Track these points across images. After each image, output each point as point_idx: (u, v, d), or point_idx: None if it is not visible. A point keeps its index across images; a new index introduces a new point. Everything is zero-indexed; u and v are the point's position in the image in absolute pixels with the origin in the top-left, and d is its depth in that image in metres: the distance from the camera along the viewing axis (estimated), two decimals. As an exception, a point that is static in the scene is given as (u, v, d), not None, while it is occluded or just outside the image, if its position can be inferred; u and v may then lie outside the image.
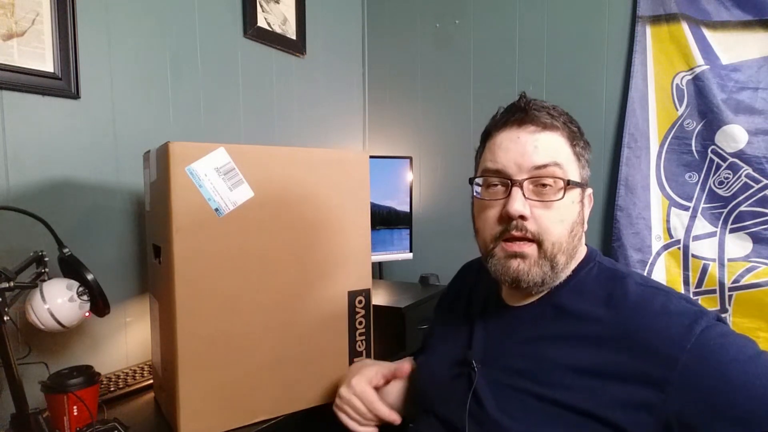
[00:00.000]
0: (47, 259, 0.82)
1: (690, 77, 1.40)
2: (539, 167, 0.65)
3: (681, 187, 1.42)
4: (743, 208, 1.33)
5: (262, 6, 1.49)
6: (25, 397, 0.73)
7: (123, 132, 1.13)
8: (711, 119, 1.36)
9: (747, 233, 1.34)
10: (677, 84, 1.42)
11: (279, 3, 1.56)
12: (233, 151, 0.82)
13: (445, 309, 0.90)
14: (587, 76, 1.55)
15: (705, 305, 0.63)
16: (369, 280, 0.99)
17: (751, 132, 1.32)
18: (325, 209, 0.92)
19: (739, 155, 1.33)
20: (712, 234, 1.38)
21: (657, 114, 1.45)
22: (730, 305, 1.35)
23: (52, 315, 0.78)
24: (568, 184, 0.65)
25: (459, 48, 1.77)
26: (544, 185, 0.65)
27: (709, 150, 1.38)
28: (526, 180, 0.65)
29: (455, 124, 1.79)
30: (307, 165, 0.90)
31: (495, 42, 1.70)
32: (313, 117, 1.73)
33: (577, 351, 0.62)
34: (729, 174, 1.35)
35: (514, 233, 0.65)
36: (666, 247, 1.44)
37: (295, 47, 1.62)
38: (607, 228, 1.52)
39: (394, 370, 0.83)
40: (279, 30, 1.56)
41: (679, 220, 1.42)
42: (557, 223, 0.65)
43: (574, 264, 0.69)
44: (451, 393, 0.72)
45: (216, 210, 0.81)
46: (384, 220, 1.63)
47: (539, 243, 0.65)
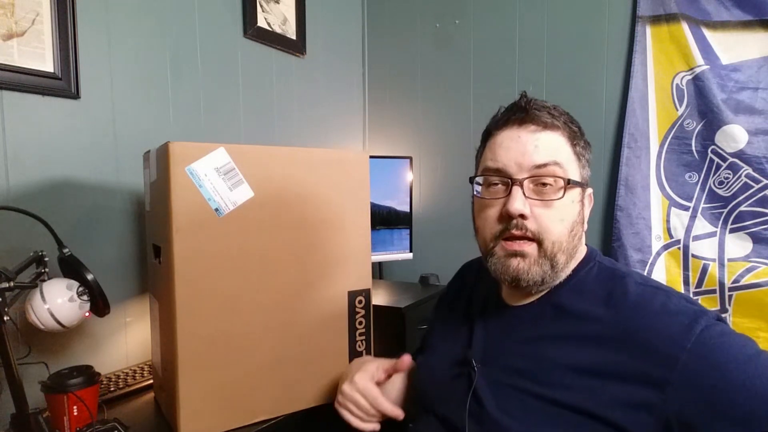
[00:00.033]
0: (47, 259, 0.82)
1: (690, 77, 1.40)
2: (539, 166, 0.65)
3: (681, 187, 1.42)
4: (743, 208, 1.33)
5: (262, 6, 1.49)
6: (25, 397, 0.73)
7: (123, 132, 1.13)
8: (711, 119, 1.36)
9: (747, 233, 1.34)
10: (677, 84, 1.42)
11: (279, 3, 1.56)
12: (233, 151, 0.82)
13: (445, 308, 0.90)
14: (587, 76, 1.55)
15: (705, 305, 0.63)
16: (369, 280, 0.99)
17: (751, 132, 1.32)
18: (325, 209, 0.92)
19: (739, 155, 1.33)
20: (712, 234, 1.38)
21: (657, 114, 1.45)
22: (730, 305, 1.35)
23: (52, 315, 0.78)
24: (568, 183, 0.65)
25: (459, 48, 1.77)
26: (544, 184, 0.65)
27: (709, 150, 1.38)
28: (526, 179, 0.65)
29: (455, 124, 1.79)
30: (307, 165, 0.90)
31: (495, 42, 1.70)
32: (313, 117, 1.73)
33: (577, 350, 0.62)
34: (729, 174, 1.35)
35: (514, 232, 0.65)
36: (666, 247, 1.44)
37: (295, 47, 1.62)
38: (607, 228, 1.52)
39: (394, 364, 0.83)
40: (279, 30, 1.56)
41: (679, 220, 1.42)
42: (557, 223, 0.65)
43: (574, 263, 0.69)
44: (451, 392, 0.72)
45: (216, 210, 0.81)
46: (384, 220, 1.63)
47: (539, 242, 0.65)
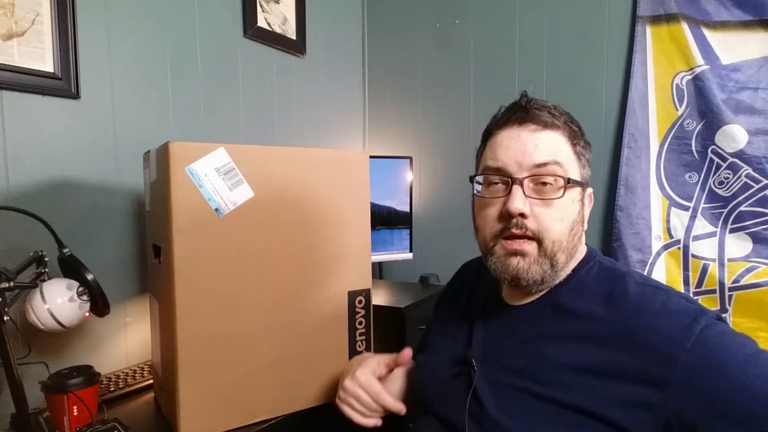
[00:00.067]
0: (47, 259, 0.82)
1: (690, 77, 1.40)
2: (539, 165, 0.65)
3: (681, 187, 1.42)
4: (743, 208, 1.33)
5: (262, 6, 1.49)
6: (25, 397, 0.73)
7: (123, 132, 1.13)
8: (711, 119, 1.36)
9: (747, 233, 1.34)
10: (677, 84, 1.42)
11: (279, 3, 1.56)
12: (233, 151, 0.82)
13: (445, 308, 0.90)
14: (587, 76, 1.55)
15: (705, 305, 0.63)
16: (369, 280, 0.99)
17: (751, 132, 1.32)
18: (325, 209, 0.92)
19: (739, 155, 1.33)
20: (712, 234, 1.38)
21: (657, 114, 1.45)
22: (730, 305, 1.35)
23: (52, 315, 0.78)
24: (568, 182, 0.65)
25: (459, 48, 1.77)
26: (544, 183, 0.65)
27: (709, 150, 1.38)
28: (526, 178, 0.65)
29: (455, 124, 1.79)
30: (307, 165, 0.90)
31: (495, 42, 1.70)
32: (313, 117, 1.73)
33: (577, 350, 0.62)
34: (729, 174, 1.35)
35: (514, 231, 0.65)
36: (666, 247, 1.44)
37: (295, 47, 1.62)
38: (607, 228, 1.52)
39: (395, 357, 0.82)
40: (279, 30, 1.56)
41: (679, 220, 1.42)
42: (557, 222, 0.65)
43: (574, 263, 0.70)
44: (451, 392, 0.72)
45: (216, 210, 0.81)
46: (384, 220, 1.63)
47: (539, 241, 0.65)
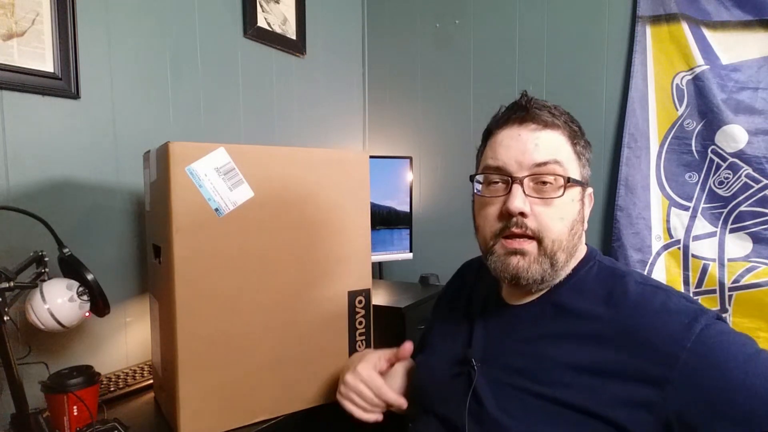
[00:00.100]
0: (47, 259, 0.82)
1: (690, 77, 1.40)
2: (540, 164, 0.65)
3: (681, 187, 1.42)
4: (743, 208, 1.33)
5: (262, 6, 1.49)
6: (25, 397, 0.73)
7: (123, 132, 1.13)
8: (711, 119, 1.36)
9: (747, 233, 1.34)
10: (677, 84, 1.42)
11: (279, 3, 1.56)
12: (233, 151, 0.82)
13: (444, 308, 0.90)
14: (587, 76, 1.55)
15: (705, 305, 0.63)
16: (369, 280, 0.99)
17: (751, 132, 1.32)
18: (325, 209, 0.92)
19: (739, 155, 1.33)
20: (712, 234, 1.38)
21: (657, 114, 1.45)
22: (730, 305, 1.35)
23: (52, 315, 0.78)
24: (568, 181, 0.65)
25: (459, 48, 1.77)
26: (544, 183, 0.65)
27: (709, 150, 1.38)
28: (526, 177, 0.65)
29: (455, 124, 1.79)
30: (307, 165, 0.90)
31: (495, 42, 1.70)
32: (313, 117, 1.73)
33: (577, 349, 0.62)
34: (729, 174, 1.35)
35: (514, 230, 0.65)
36: (666, 247, 1.44)
37: (295, 47, 1.62)
38: (607, 228, 1.52)
39: (396, 352, 0.82)
40: (279, 30, 1.56)
41: (679, 220, 1.42)
42: (557, 221, 0.65)
43: (574, 262, 0.70)
44: (451, 392, 0.72)
45: (216, 210, 0.81)
46: (384, 220, 1.63)
47: (539, 240, 0.65)
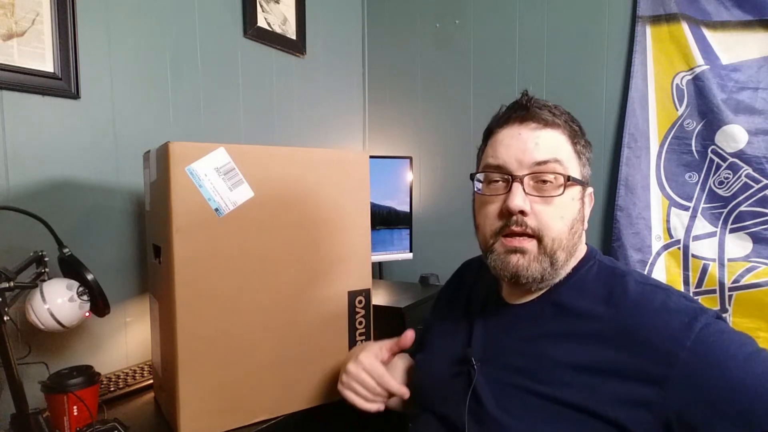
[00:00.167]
0: (47, 259, 0.82)
1: (690, 77, 1.39)
2: (540, 163, 0.65)
3: (681, 187, 1.42)
4: (743, 208, 1.33)
5: (262, 6, 1.49)
6: (25, 397, 0.73)
7: (123, 132, 1.13)
8: (711, 119, 1.36)
9: (747, 233, 1.34)
10: (677, 84, 1.42)
11: (279, 3, 1.56)
12: (233, 151, 0.82)
13: (444, 307, 0.90)
14: (587, 76, 1.54)
15: (705, 305, 0.63)
16: (369, 280, 0.99)
17: (751, 132, 1.32)
18: (325, 209, 0.92)
19: (739, 155, 1.33)
20: (712, 234, 1.38)
21: (657, 114, 1.45)
22: (730, 305, 1.35)
23: (52, 315, 0.78)
24: (568, 180, 0.65)
25: (459, 48, 1.77)
26: (544, 181, 0.65)
27: (709, 150, 1.38)
28: (526, 176, 0.65)
29: (455, 124, 1.79)
30: (307, 165, 0.90)
31: (495, 42, 1.70)
32: (313, 117, 1.73)
33: (577, 349, 0.62)
34: (729, 174, 1.35)
35: (514, 228, 0.65)
36: (666, 247, 1.44)
37: (295, 47, 1.62)
38: (607, 228, 1.52)
39: (397, 341, 0.81)
40: (279, 30, 1.56)
41: (679, 220, 1.42)
42: (557, 220, 0.65)
43: (574, 262, 0.70)
44: (451, 391, 0.72)
45: (216, 210, 0.81)
46: (384, 220, 1.63)
47: (539, 239, 0.65)
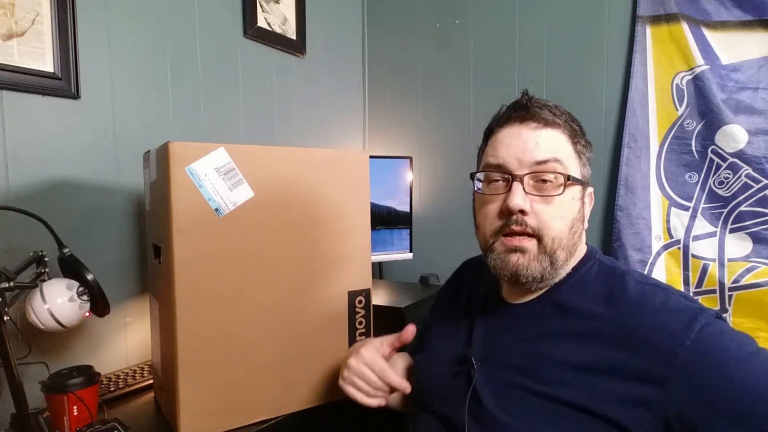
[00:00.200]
0: (47, 259, 0.82)
1: (690, 77, 1.39)
2: (540, 162, 0.65)
3: (681, 187, 1.42)
4: (743, 208, 1.33)
5: (262, 6, 1.49)
6: (25, 397, 0.73)
7: (123, 132, 1.13)
8: (711, 119, 1.36)
9: (747, 233, 1.34)
10: (677, 84, 1.42)
11: (279, 3, 1.56)
12: (233, 151, 0.82)
13: (444, 307, 0.90)
14: (587, 76, 1.54)
15: (705, 305, 0.63)
16: (369, 280, 0.99)
17: (751, 132, 1.32)
18: (325, 209, 0.92)
19: (739, 155, 1.33)
20: (712, 234, 1.38)
21: (657, 114, 1.45)
22: (730, 305, 1.35)
23: (52, 315, 0.78)
24: (568, 179, 0.65)
25: (459, 48, 1.77)
26: (544, 181, 0.66)
27: (709, 150, 1.38)
28: (526, 175, 0.65)
29: (455, 124, 1.79)
30: (307, 165, 0.90)
31: (495, 42, 1.70)
32: (313, 117, 1.73)
33: (577, 348, 0.62)
34: (729, 174, 1.35)
35: (514, 228, 0.65)
36: (666, 247, 1.44)
37: (295, 47, 1.62)
38: (607, 228, 1.52)
39: (398, 336, 0.81)
40: (279, 30, 1.56)
41: (679, 220, 1.42)
42: (557, 219, 0.65)
43: (574, 261, 0.70)
44: (451, 391, 0.72)
45: (216, 210, 0.81)
46: (384, 220, 1.63)
47: (539, 238, 0.65)
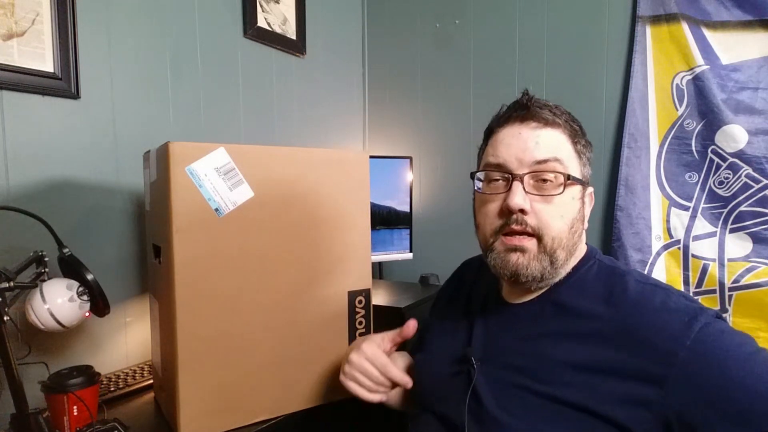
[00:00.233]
0: (47, 259, 0.82)
1: (690, 77, 1.39)
2: (540, 162, 0.65)
3: (681, 187, 1.42)
4: (743, 208, 1.33)
5: (262, 6, 1.49)
6: (25, 397, 0.73)
7: (123, 132, 1.13)
8: (711, 119, 1.36)
9: (747, 233, 1.34)
10: (677, 84, 1.42)
11: (279, 3, 1.56)
12: (233, 151, 0.82)
13: (443, 306, 0.90)
14: (587, 76, 1.54)
15: (705, 305, 0.63)
16: (369, 280, 0.99)
17: (751, 132, 1.32)
18: (325, 209, 0.92)
19: (739, 155, 1.33)
20: (712, 234, 1.38)
21: (657, 114, 1.45)
22: (730, 305, 1.35)
23: (52, 315, 0.78)
24: (568, 179, 0.65)
25: (459, 48, 1.77)
26: (544, 180, 0.66)
27: (709, 150, 1.38)
28: (526, 174, 0.65)
29: (455, 124, 1.79)
30: (307, 165, 0.90)
31: (495, 42, 1.70)
32: (313, 117, 1.73)
33: (577, 348, 0.62)
34: (729, 174, 1.35)
35: (514, 227, 0.65)
36: (666, 247, 1.44)
37: (295, 47, 1.62)
38: (607, 228, 1.52)
39: (399, 331, 0.81)
40: (279, 30, 1.56)
41: (679, 220, 1.42)
42: (557, 219, 0.65)
43: (574, 261, 0.70)
44: (451, 391, 0.72)
45: (216, 210, 0.81)
46: (384, 220, 1.63)
47: (539, 237, 0.65)
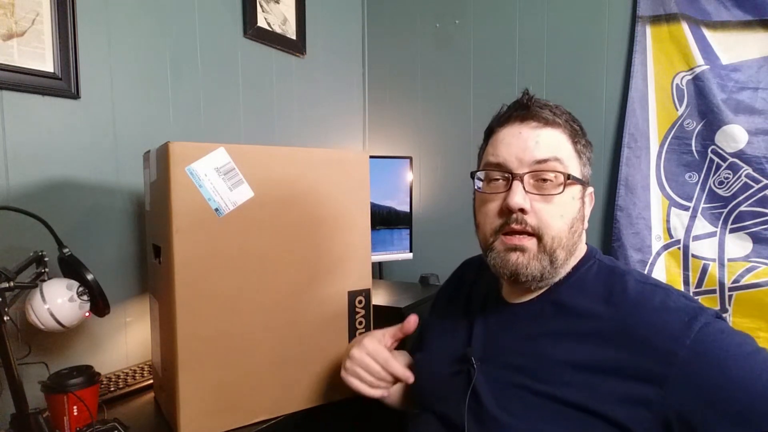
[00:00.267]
0: (47, 259, 0.82)
1: (690, 77, 1.39)
2: (540, 162, 0.65)
3: (681, 187, 1.42)
4: (743, 208, 1.33)
5: (262, 6, 1.49)
6: (25, 397, 0.73)
7: (123, 132, 1.13)
8: (711, 119, 1.36)
9: (747, 233, 1.34)
10: (677, 84, 1.42)
11: (279, 3, 1.56)
12: (233, 151, 0.82)
13: (443, 306, 0.90)
14: (587, 76, 1.54)
15: (705, 305, 0.63)
16: (369, 280, 0.99)
17: (751, 132, 1.32)
18: (325, 209, 0.92)
19: (739, 155, 1.33)
20: (712, 234, 1.38)
21: (657, 114, 1.45)
22: (730, 305, 1.35)
23: (52, 315, 0.78)
24: (568, 178, 0.65)
25: (459, 48, 1.77)
26: (544, 180, 0.66)
27: (709, 150, 1.38)
28: (526, 174, 0.65)
29: (455, 124, 1.79)
30: (307, 165, 0.90)
31: (495, 42, 1.70)
32: (313, 117, 1.73)
33: (577, 347, 0.62)
34: (729, 174, 1.35)
35: (514, 226, 0.65)
36: (666, 247, 1.44)
37: (295, 47, 1.62)
38: (607, 228, 1.52)
39: (400, 327, 0.80)
40: (279, 30, 1.56)
41: (679, 220, 1.42)
42: (557, 218, 0.65)
43: (573, 261, 0.70)
44: (450, 390, 0.72)
45: (216, 210, 0.81)
46: (384, 220, 1.63)
47: (539, 237, 0.65)
